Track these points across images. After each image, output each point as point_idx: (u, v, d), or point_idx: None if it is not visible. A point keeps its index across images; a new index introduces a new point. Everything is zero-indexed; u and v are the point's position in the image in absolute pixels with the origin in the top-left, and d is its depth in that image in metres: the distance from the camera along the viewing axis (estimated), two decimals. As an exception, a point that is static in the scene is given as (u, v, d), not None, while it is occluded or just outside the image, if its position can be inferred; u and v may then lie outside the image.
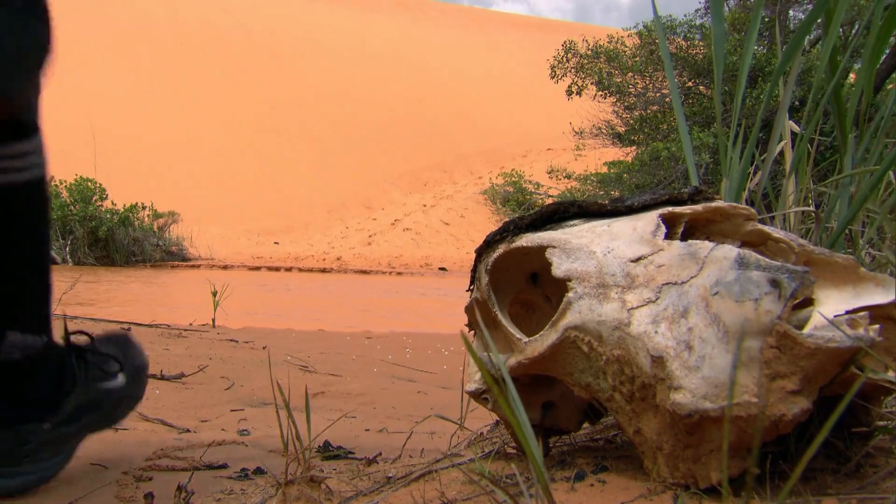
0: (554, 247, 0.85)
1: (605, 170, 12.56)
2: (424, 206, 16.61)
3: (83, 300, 5.71)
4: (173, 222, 12.12)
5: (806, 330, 0.70)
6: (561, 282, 0.82)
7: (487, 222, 15.37)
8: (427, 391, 2.57)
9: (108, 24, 21.83)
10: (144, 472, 1.28)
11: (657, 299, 0.75)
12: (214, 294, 4.21)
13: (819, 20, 1.19)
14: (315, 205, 14.41)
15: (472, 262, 0.95)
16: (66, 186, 11.06)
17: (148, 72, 19.97)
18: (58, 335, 1.20)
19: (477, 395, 0.93)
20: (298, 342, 3.70)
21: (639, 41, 10.72)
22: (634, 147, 11.21)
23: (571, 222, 0.90)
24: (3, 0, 0.98)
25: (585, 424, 0.99)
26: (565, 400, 0.93)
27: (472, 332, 0.98)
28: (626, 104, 10.92)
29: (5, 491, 1.16)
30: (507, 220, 0.96)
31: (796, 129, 1.41)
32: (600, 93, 10.95)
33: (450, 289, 9.14)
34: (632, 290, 0.77)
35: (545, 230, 0.90)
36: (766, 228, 0.83)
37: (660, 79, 10.49)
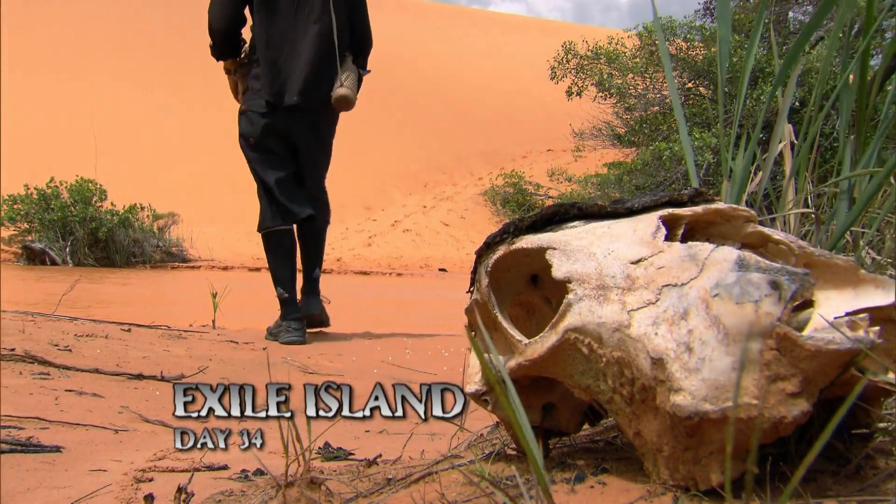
0: (554, 248, 0.85)
1: (604, 171, 12.55)
2: (424, 207, 16.60)
3: (84, 301, 5.71)
4: (173, 223, 12.11)
5: (806, 332, 0.70)
6: (561, 283, 0.82)
7: (487, 223, 15.37)
8: (427, 392, 2.57)
9: (107, 24, 21.82)
10: (145, 473, 1.28)
11: (657, 301, 0.75)
12: (214, 295, 4.21)
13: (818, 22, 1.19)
14: (315, 206, 14.42)
15: (472, 264, 0.95)
16: (66, 187, 11.04)
17: (148, 72, 19.97)
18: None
19: (477, 397, 0.93)
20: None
21: (639, 42, 10.73)
22: (634, 148, 11.22)
23: (571, 224, 0.90)
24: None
25: (585, 426, 0.99)
26: (565, 401, 0.93)
27: (473, 333, 0.98)
28: (626, 105, 10.93)
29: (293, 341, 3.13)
30: (507, 221, 0.96)
31: (793, 137, 1.41)
32: (600, 94, 10.95)
33: (450, 290, 9.13)
34: (632, 292, 0.77)
35: (545, 232, 0.90)
36: (767, 230, 0.83)
37: (660, 80, 10.50)
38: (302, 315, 3.31)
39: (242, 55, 3.26)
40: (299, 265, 3.44)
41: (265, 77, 3.16)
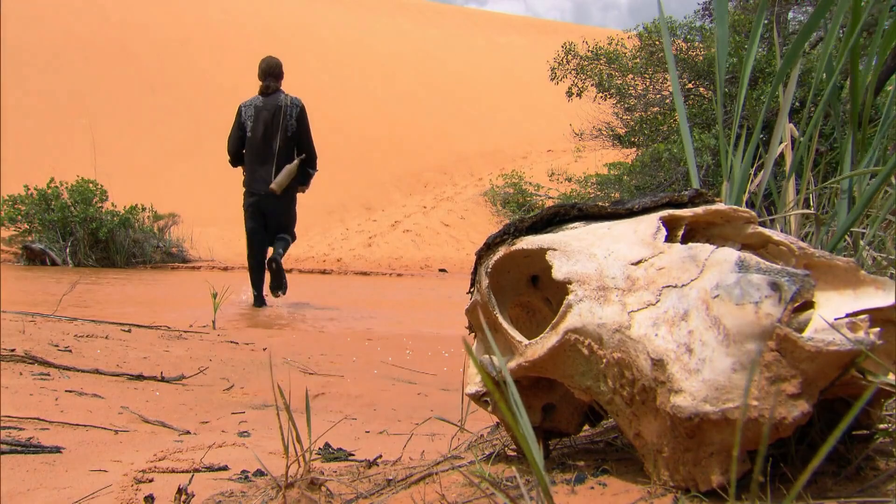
0: (554, 249, 0.85)
1: (605, 171, 12.54)
2: (424, 207, 16.60)
3: (84, 301, 5.71)
4: (174, 224, 12.10)
5: (806, 333, 0.70)
6: (561, 284, 0.82)
7: (488, 224, 15.36)
8: (427, 393, 2.57)
9: (107, 24, 21.81)
10: (145, 474, 1.28)
11: (657, 302, 0.75)
12: (214, 296, 4.21)
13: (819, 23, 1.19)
14: (315, 206, 14.41)
15: (473, 264, 0.95)
16: (66, 188, 11.04)
17: (148, 72, 19.96)
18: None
19: (477, 398, 0.93)
20: (298, 344, 3.70)
21: (639, 43, 10.72)
22: (634, 149, 11.21)
23: (572, 225, 0.90)
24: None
25: (586, 427, 0.99)
26: (566, 402, 0.93)
27: (473, 334, 0.98)
28: (626, 105, 10.92)
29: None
30: (507, 221, 0.96)
31: (796, 133, 1.41)
32: (600, 94, 10.94)
33: (450, 290, 9.13)
34: (632, 293, 0.77)
35: (546, 233, 0.90)
36: (767, 231, 0.83)
37: (660, 80, 10.49)
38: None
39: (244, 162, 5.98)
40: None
41: (250, 176, 5.78)
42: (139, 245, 11.36)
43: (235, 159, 5.85)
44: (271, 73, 5.75)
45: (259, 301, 5.79)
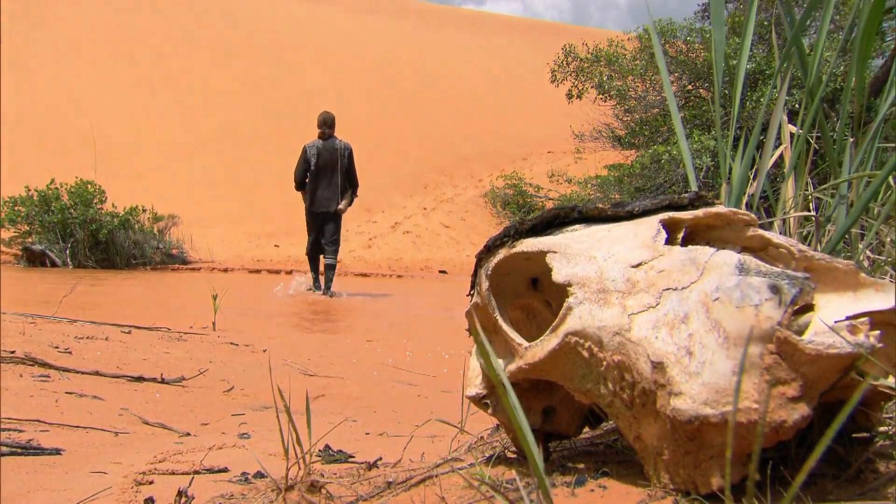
0: (554, 252, 0.85)
1: (605, 172, 12.54)
2: (425, 208, 16.59)
3: (84, 303, 5.71)
4: (173, 225, 12.08)
5: (806, 336, 0.70)
6: (561, 287, 0.82)
7: (488, 225, 15.34)
8: (427, 395, 2.57)
9: (107, 25, 21.81)
10: (145, 476, 1.28)
11: (658, 305, 0.75)
12: (215, 297, 4.21)
13: (813, 23, 1.19)
14: (315, 207, 14.37)
15: (473, 266, 0.95)
16: (66, 189, 11.03)
17: (148, 74, 19.96)
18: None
19: (477, 400, 0.93)
20: (299, 345, 3.69)
21: (639, 44, 10.73)
22: (634, 150, 11.21)
23: (572, 227, 0.90)
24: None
25: (586, 429, 0.99)
26: (566, 404, 0.93)
27: (477, 336, 0.98)
28: (626, 107, 10.92)
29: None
30: (507, 223, 0.96)
31: (793, 129, 1.41)
32: (600, 96, 10.95)
33: (450, 292, 9.13)
34: (632, 296, 0.77)
35: (546, 235, 0.90)
36: (767, 234, 0.83)
37: (660, 82, 10.49)
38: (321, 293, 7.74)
39: (307, 188, 7.74)
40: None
41: (312, 199, 7.74)
42: (139, 246, 11.34)
43: (300, 185, 7.89)
44: (329, 124, 7.96)
45: (316, 285, 7.85)
